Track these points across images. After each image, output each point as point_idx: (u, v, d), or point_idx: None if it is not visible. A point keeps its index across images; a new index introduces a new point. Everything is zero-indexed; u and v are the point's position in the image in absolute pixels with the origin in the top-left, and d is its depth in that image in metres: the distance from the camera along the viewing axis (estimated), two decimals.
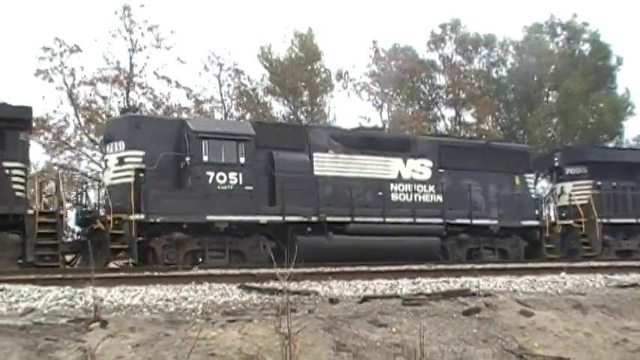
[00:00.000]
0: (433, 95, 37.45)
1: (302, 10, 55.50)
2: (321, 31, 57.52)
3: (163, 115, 16.21)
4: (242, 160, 16.06)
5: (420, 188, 19.18)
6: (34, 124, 18.76)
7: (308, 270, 10.82)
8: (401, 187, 18.85)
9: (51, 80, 28.57)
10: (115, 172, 15.51)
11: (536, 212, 21.28)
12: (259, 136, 16.73)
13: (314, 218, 16.84)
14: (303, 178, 17.05)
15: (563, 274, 11.59)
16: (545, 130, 35.83)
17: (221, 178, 15.74)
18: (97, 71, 29.52)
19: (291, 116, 33.25)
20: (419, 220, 18.50)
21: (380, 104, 35.68)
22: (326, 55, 34.83)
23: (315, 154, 17.62)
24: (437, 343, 6.59)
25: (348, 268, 12.74)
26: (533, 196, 21.94)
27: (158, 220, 14.85)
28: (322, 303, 8.09)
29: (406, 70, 35.48)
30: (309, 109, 34.12)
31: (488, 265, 15.05)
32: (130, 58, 30.19)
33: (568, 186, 23.10)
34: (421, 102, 37.17)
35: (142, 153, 15.33)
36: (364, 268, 13.20)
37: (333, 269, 12.25)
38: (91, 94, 29.31)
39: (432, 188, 19.36)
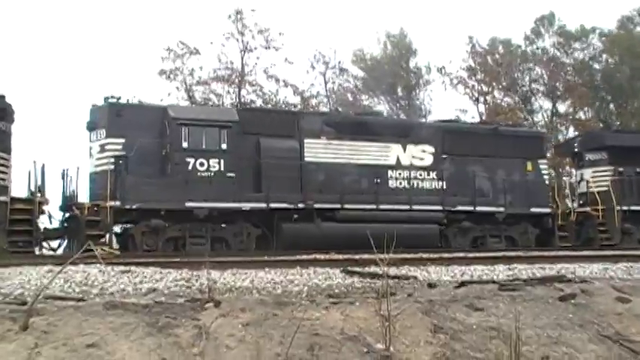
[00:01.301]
0: (530, 87, 38.53)
1: (396, 9, 58.18)
2: (416, 29, 61.74)
3: (149, 103, 15.70)
4: (224, 146, 15.83)
5: (420, 175, 18.56)
6: None
7: (407, 256, 11.33)
8: (399, 174, 18.27)
9: (173, 79, 31.02)
10: (97, 159, 15.53)
11: (549, 199, 20.30)
12: (246, 123, 16.47)
13: (301, 205, 16.46)
14: (292, 164, 16.71)
15: None
16: None
17: (201, 164, 15.55)
18: (212, 71, 31.98)
19: (390, 112, 35.79)
20: (416, 207, 17.88)
21: (476, 97, 37.22)
22: (421, 52, 38.74)
23: (306, 140, 17.23)
24: (532, 327, 6.68)
25: (446, 255, 13.34)
26: (547, 182, 20.88)
27: (134, 206, 14.78)
28: (421, 287, 8.58)
29: (503, 63, 36.73)
30: (406, 103, 36.76)
31: (584, 252, 14.97)
32: (242, 58, 32.51)
33: (587, 172, 21.97)
34: (518, 94, 38.19)
35: (122, 140, 15.27)
36: (461, 254, 13.91)
37: (431, 255, 12.87)
38: (205, 92, 31.56)
39: (433, 175, 18.70)
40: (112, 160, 15.08)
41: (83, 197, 15.48)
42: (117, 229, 15.68)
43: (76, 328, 5.67)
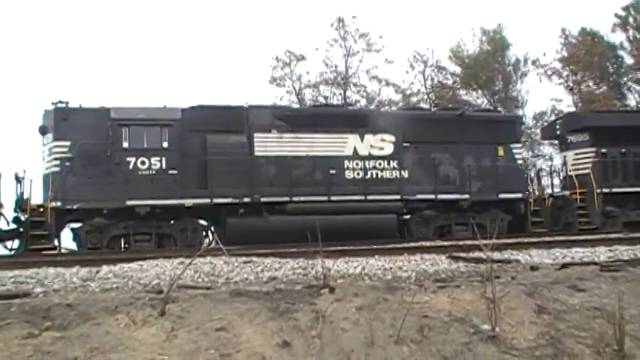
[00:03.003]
0: (621, 75, 39.32)
1: (489, 3, 58.88)
2: (510, 23, 61.46)
3: (91, 106, 16.20)
4: (165, 144, 16.18)
5: (380, 164, 18.38)
6: None
7: (509, 240, 12.20)
8: (356, 164, 18.14)
9: (282, 85, 34.84)
10: (46, 162, 16.17)
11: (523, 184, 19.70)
12: (193, 121, 16.73)
13: (246, 199, 16.62)
14: (239, 159, 16.85)
15: None
16: None
17: (143, 163, 15.95)
18: (318, 75, 35.82)
19: (488, 105, 36.74)
20: (371, 197, 17.73)
21: (571, 87, 38.50)
22: (515, 45, 39.26)
23: (255, 135, 17.34)
24: (636, 307, 6.83)
25: (547, 238, 14.17)
26: (521, 167, 20.26)
27: (75, 206, 15.32)
28: (523, 270, 8.97)
29: (595, 52, 37.47)
30: (503, 96, 38.05)
31: None
32: (346, 62, 36.14)
33: (570, 155, 21.23)
34: (610, 82, 38.98)
35: (67, 143, 15.80)
36: (562, 237, 14.54)
37: (532, 239, 13.54)
38: (313, 95, 35.06)
39: (393, 164, 18.46)
40: (58, 162, 15.66)
41: (38, 199, 16.16)
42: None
43: (206, 314, 6.32)
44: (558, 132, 21.93)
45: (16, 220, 15.68)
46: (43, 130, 16.38)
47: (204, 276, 8.77)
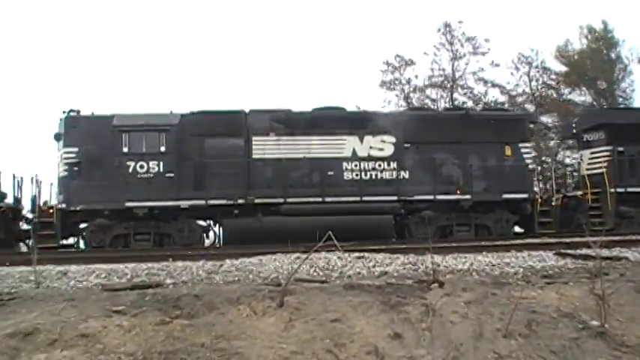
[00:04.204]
0: None
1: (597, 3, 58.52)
2: (617, 20, 61.45)
3: (98, 114, 17.41)
4: (162, 149, 17.09)
5: (379, 165, 18.57)
6: None
7: (617, 238, 12.28)
8: (355, 166, 18.42)
9: (392, 89, 37.09)
10: (59, 167, 17.46)
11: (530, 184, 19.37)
12: (192, 126, 17.57)
13: (240, 201, 17.27)
14: (236, 162, 17.51)
15: None
16: None
17: (141, 167, 16.93)
18: (426, 78, 37.26)
19: (594, 103, 37.20)
20: (367, 198, 17.97)
21: None
22: (622, 43, 38.40)
23: (254, 138, 17.98)
24: None
25: None
26: (530, 166, 19.84)
27: (78, 208, 16.49)
28: (633, 267, 9.10)
29: None
30: (609, 94, 37.71)
31: None
32: (452, 65, 37.38)
33: (586, 154, 20.62)
34: None
35: (75, 149, 17.02)
36: None
37: None
38: (421, 98, 37.08)
39: (393, 165, 18.60)
40: (67, 167, 16.91)
41: (53, 201, 17.51)
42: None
43: (321, 306, 6.81)
44: (574, 130, 21.34)
45: (29, 220, 17.08)
46: (57, 137, 17.69)
47: (319, 270, 9.18)
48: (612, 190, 19.15)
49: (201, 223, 17.71)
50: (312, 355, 6.05)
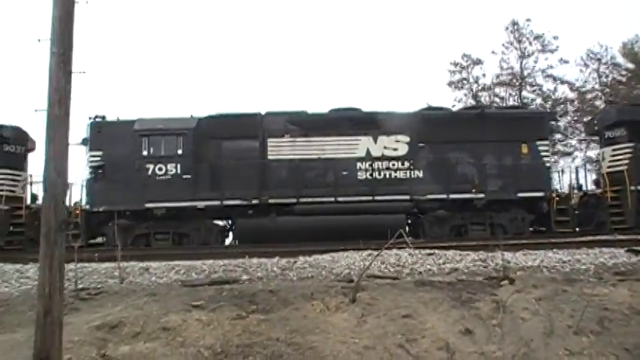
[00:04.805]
0: None
1: None
2: None
3: (122, 119, 18.32)
4: (179, 152, 17.83)
5: (393, 165, 18.85)
6: None
7: None
8: (369, 165, 18.74)
9: (460, 88, 37.88)
10: (86, 170, 18.46)
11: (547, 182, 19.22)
12: (209, 129, 18.28)
13: (255, 201, 17.84)
14: (251, 163, 18.11)
15: None
16: None
17: (160, 169, 17.72)
18: (494, 77, 37.76)
19: None
20: (379, 197, 18.26)
21: None
22: None
23: (269, 140, 18.54)
24: None
25: None
26: (548, 165, 19.69)
27: (100, 209, 17.39)
28: None
29: None
30: None
31: None
32: (521, 63, 37.58)
33: (607, 151, 20.30)
34: None
35: (100, 153, 17.98)
36: None
37: None
38: (490, 97, 37.68)
39: (407, 164, 18.85)
40: (91, 170, 17.86)
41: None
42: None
43: (392, 302, 7.10)
44: (596, 127, 21.02)
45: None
46: (84, 142, 18.66)
47: (390, 267, 9.45)
48: (632, 188, 18.83)
49: (219, 222, 18.37)
50: (384, 349, 6.15)
